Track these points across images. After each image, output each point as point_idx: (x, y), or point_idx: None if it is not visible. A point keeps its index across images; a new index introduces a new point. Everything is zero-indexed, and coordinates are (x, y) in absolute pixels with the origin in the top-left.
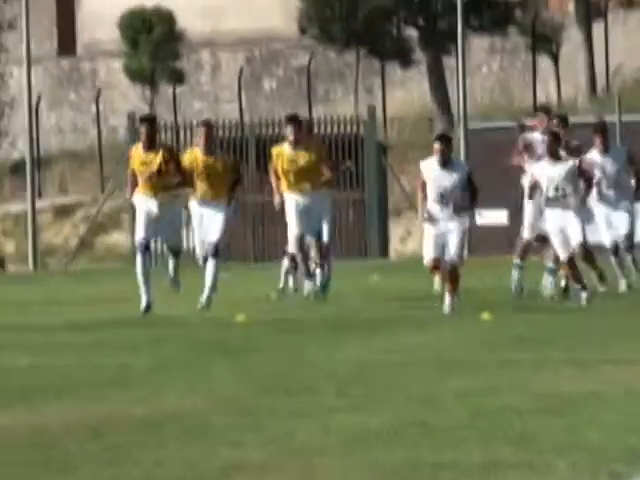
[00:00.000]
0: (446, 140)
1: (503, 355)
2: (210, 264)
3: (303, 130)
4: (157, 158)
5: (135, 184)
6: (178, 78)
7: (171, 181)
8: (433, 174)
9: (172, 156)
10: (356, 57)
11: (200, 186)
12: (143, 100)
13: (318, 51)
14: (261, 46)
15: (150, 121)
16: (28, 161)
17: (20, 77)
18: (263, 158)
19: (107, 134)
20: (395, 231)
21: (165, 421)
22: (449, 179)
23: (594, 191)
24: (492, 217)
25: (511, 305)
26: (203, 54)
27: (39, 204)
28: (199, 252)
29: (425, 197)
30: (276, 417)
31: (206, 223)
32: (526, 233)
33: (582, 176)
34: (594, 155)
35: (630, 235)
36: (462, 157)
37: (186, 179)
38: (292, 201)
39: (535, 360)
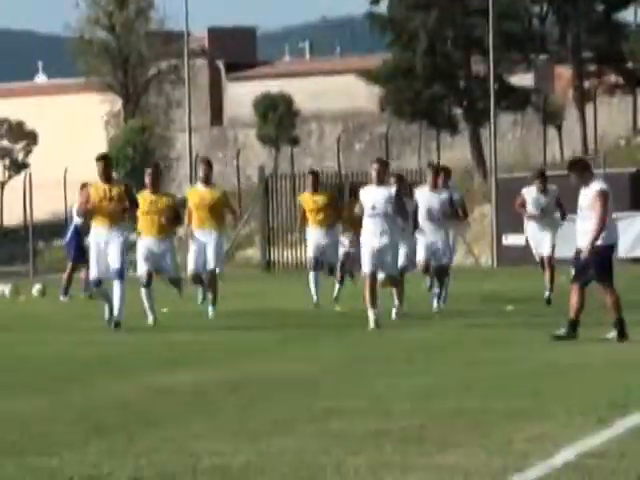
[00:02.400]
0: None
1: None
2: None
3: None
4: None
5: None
6: (294, 142)
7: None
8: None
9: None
10: (419, 128)
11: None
12: (269, 157)
13: (393, 123)
14: (353, 119)
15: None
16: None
17: (183, 141)
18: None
19: (244, 181)
20: None
21: (284, 379)
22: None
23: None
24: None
25: None
26: (312, 125)
27: None
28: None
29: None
30: (365, 377)
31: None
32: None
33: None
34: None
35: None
36: (493, 199)
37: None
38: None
39: None
